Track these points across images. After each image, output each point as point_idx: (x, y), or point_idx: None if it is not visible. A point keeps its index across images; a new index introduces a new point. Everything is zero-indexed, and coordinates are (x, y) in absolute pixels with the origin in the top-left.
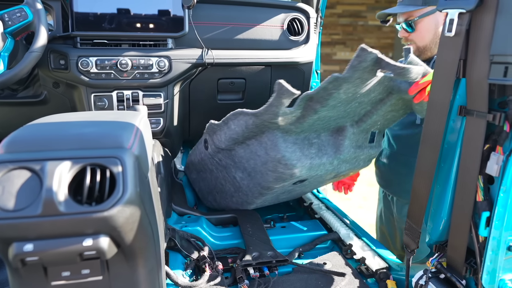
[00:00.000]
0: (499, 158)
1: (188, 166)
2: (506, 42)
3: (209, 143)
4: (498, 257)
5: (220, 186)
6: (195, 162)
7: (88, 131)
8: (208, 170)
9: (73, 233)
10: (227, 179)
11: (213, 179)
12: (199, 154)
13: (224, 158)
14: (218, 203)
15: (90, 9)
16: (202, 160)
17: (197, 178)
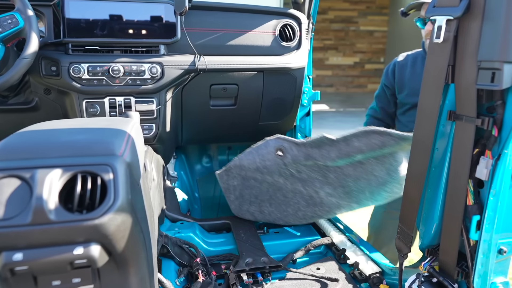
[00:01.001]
0: (488, 162)
1: (229, 170)
2: (493, 48)
3: (287, 152)
4: (489, 260)
5: (281, 198)
6: (248, 168)
7: (79, 139)
8: (267, 179)
9: (64, 242)
10: (299, 192)
11: (272, 189)
12: (263, 160)
13: (308, 171)
14: (263, 214)
15: (82, 16)
16: (265, 168)
17: (239, 185)
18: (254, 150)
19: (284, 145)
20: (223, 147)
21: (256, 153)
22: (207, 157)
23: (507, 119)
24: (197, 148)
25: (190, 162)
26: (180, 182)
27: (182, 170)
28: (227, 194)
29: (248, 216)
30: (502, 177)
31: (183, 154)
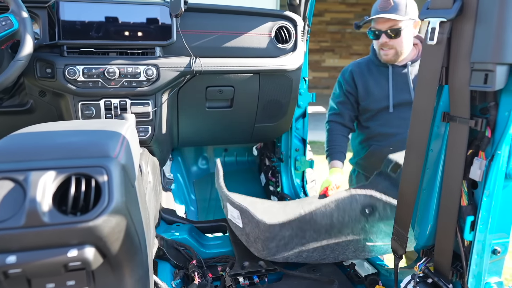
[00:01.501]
0: (481, 163)
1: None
2: (485, 50)
3: (378, 211)
4: (483, 260)
5: (332, 246)
6: (319, 223)
7: (73, 141)
8: (333, 233)
9: (58, 244)
10: (355, 242)
11: (327, 240)
12: (342, 217)
13: (381, 225)
14: (298, 258)
15: (77, 18)
16: (339, 223)
17: (290, 236)
18: (335, 206)
19: (377, 205)
20: (219, 149)
21: (336, 209)
22: (204, 159)
23: (500, 120)
24: (193, 150)
25: (186, 164)
26: (176, 184)
27: (178, 172)
28: (266, 242)
29: (278, 259)
30: (496, 178)
31: (179, 156)
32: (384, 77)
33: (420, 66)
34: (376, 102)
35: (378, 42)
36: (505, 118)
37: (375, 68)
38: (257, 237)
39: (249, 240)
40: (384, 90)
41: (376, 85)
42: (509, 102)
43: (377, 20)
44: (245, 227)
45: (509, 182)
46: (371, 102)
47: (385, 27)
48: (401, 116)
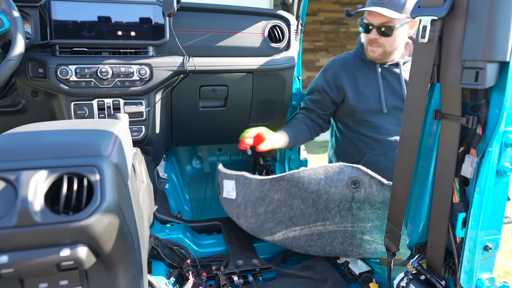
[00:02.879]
0: (473, 160)
1: (278, 180)
2: (476, 48)
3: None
4: (475, 257)
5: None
6: (306, 188)
7: (65, 140)
8: (319, 204)
9: (50, 244)
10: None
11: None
12: (328, 185)
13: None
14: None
15: (69, 17)
16: (326, 193)
17: (278, 200)
18: (323, 171)
19: (364, 180)
20: (213, 149)
21: (323, 175)
22: (198, 159)
23: (491, 118)
24: (187, 149)
25: (180, 164)
26: (171, 184)
27: (173, 172)
28: (255, 205)
29: (266, 236)
30: (487, 175)
31: (173, 156)
32: (374, 76)
33: (412, 64)
34: (367, 103)
35: (367, 36)
36: (496, 115)
37: (364, 65)
38: (247, 200)
39: (240, 209)
40: (375, 91)
41: (367, 85)
42: (499, 100)
43: (371, 12)
44: (238, 197)
45: (500, 179)
46: (362, 103)
47: (378, 22)
48: (395, 121)
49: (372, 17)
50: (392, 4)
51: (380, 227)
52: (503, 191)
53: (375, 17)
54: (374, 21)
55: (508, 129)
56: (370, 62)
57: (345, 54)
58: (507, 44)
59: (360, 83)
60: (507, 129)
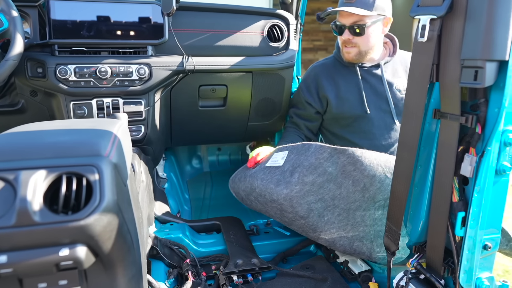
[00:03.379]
0: (472, 160)
1: (341, 152)
2: (475, 47)
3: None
4: (474, 256)
5: (358, 219)
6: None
7: (64, 140)
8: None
9: (49, 243)
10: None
11: (357, 205)
12: (385, 174)
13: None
14: (319, 218)
15: (68, 17)
16: (380, 183)
17: (331, 174)
18: (384, 159)
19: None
20: (212, 148)
21: (384, 164)
22: (197, 158)
23: (490, 117)
24: (186, 149)
25: (179, 163)
26: (170, 183)
27: (172, 172)
28: (305, 171)
29: (302, 209)
30: (486, 174)
31: (173, 156)
32: (355, 79)
33: (411, 63)
34: (350, 108)
35: (341, 38)
36: (495, 114)
37: (343, 68)
38: (299, 165)
39: (283, 177)
40: (357, 94)
41: (348, 88)
42: (498, 99)
43: (341, 13)
44: (286, 164)
45: (499, 178)
46: (346, 108)
47: (349, 22)
48: (381, 124)
49: (343, 18)
50: (361, 3)
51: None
52: (502, 190)
53: (346, 18)
54: (346, 21)
55: (507, 128)
56: (350, 65)
57: (324, 59)
58: (506, 43)
59: (342, 87)
60: (506, 128)
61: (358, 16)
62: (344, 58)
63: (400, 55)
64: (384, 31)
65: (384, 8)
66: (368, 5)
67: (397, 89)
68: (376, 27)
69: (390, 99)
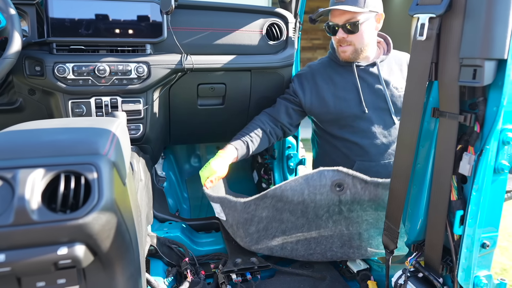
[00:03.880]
0: (471, 158)
1: (262, 199)
2: (474, 46)
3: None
4: (473, 254)
5: (314, 235)
6: (291, 200)
7: (62, 138)
8: (309, 214)
9: (47, 242)
10: (339, 232)
11: (308, 226)
12: (313, 194)
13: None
14: (283, 250)
15: (66, 15)
16: (312, 202)
17: (267, 217)
18: (304, 180)
19: (346, 181)
20: (211, 147)
21: (306, 184)
22: (196, 157)
23: (488, 115)
24: (185, 148)
25: (178, 162)
26: (169, 182)
27: (171, 170)
28: (246, 226)
29: (263, 251)
30: (484, 173)
31: (172, 154)
32: (352, 78)
33: (410, 62)
34: (349, 107)
35: (335, 38)
36: (494, 113)
37: (340, 68)
38: (237, 222)
39: (233, 230)
40: (355, 94)
41: (345, 88)
42: (497, 97)
43: (333, 13)
44: (228, 218)
45: (498, 176)
46: (344, 108)
47: (342, 21)
48: (380, 123)
49: (335, 17)
50: (352, 1)
51: (376, 225)
52: (500, 189)
53: (338, 17)
54: (338, 20)
55: (506, 127)
56: (346, 65)
57: (319, 60)
58: (504, 41)
59: (339, 87)
60: (504, 126)
61: (350, 13)
62: (341, 58)
63: (393, 54)
64: (377, 28)
65: (375, 4)
66: (360, 2)
67: (394, 87)
68: (369, 24)
69: (388, 97)
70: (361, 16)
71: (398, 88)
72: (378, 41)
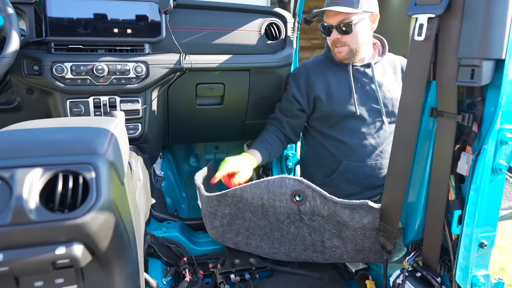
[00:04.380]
0: (469, 158)
1: (223, 197)
2: (472, 46)
3: (308, 200)
4: (471, 254)
5: (277, 237)
6: (250, 203)
7: (60, 137)
8: (270, 217)
9: (45, 242)
10: (301, 237)
11: (270, 228)
12: (272, 200)
13: (323, 222)
14: (248, 246)
15: (65, 14)
16: (272, 207)
17: (230, 214)
18: (264, 185)
19: (307, 192)
20: (210, 146)
21: (266, 190)
22: (194, 157)
23: (486, 115)
24: (184, 147)
25: (177, 162)
26: (167, 182)
27: (169, 170)
28: (210, 219)
29: (229, 244)
30: (482, 172)
31: (170, 154)
32: (346, 78)
33: (408, 62)
34: (340, 106)
35: (330, 38)
36: (491, 113)
37: (335, 67)
38: (204, 213)
39: (204, 220)
40: (348, 93)
41: (339, 87)
42: (495, 97)
43: (327, 14)
44: (202, 206)
45: (495, 176)
46: (336, 107)
47: (336, 21)
48: (370, 124)
49: (330, 18)
50: (346, 2)
51: (339, 236)
52: (498, 188)
53: (332, 18)
54: (332, 21)
55: (504, 127)
56: (341, 64)
57: (314, 57)
58: (502, 41)
59: (333, 85)
60: (502, 126)
61: (343, 14)
62: (336, 58)
63: (388, 56)
64: (372, 28)
65: (370, 4)
66: (353, 3)
67: (387, 89)
68: (363, 24)
69: (380, 99)
70: (355, 17)
71: (390, 91)
72: (374, 42)
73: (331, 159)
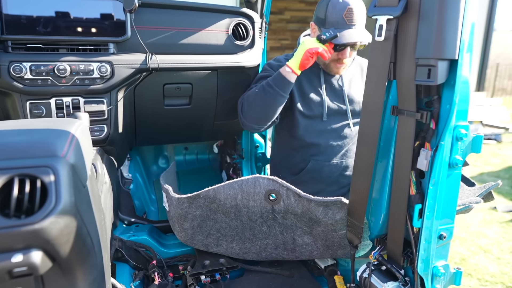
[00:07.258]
0: (427, 154)
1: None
2: (428, 46)
3: (282, 199)
4: (431, 245)
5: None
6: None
7: (16, 140)
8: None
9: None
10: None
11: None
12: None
13: (295, 220)
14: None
15: (23, 12)
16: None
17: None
18: (238, 185)
19: (281, 191)
20: (179, 148)
21: (239, 190)
22: (164, 158)
23: (442, 113)
24: (152, 149)
25: (145, 164)
26: (136, 184)
27: (138, 172)
28: (180, 221)
29: (199, 246)
30: (440, 167)
31: (138, 156)
32: (317, 80)
33: (369, 62)
34: (310, 107)
35: (338, 55)
36: (447, 110)
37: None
38: (173, 216)
39: (172, 222)
40: (318, 95)
41: (310, 87)
42: (450, 96)
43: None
44: (170, 209)
45: (452, 171)
46: (306, 106)
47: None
48: (337, 124)
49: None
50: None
51: (310, 233)
52: (455, 182)
53: (361, 42)
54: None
55: (459, 124)
56: (313, 66)
57: (286, 55)
58: (455, 42)
59: (305, 85)
60: (458, 123)
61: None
62: (333, 73)
63: (356, 59)
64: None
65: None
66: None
67: (354, 92)
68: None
69: (347, 101)
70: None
71: (357, 93)
72: None
73: (299, 158)
